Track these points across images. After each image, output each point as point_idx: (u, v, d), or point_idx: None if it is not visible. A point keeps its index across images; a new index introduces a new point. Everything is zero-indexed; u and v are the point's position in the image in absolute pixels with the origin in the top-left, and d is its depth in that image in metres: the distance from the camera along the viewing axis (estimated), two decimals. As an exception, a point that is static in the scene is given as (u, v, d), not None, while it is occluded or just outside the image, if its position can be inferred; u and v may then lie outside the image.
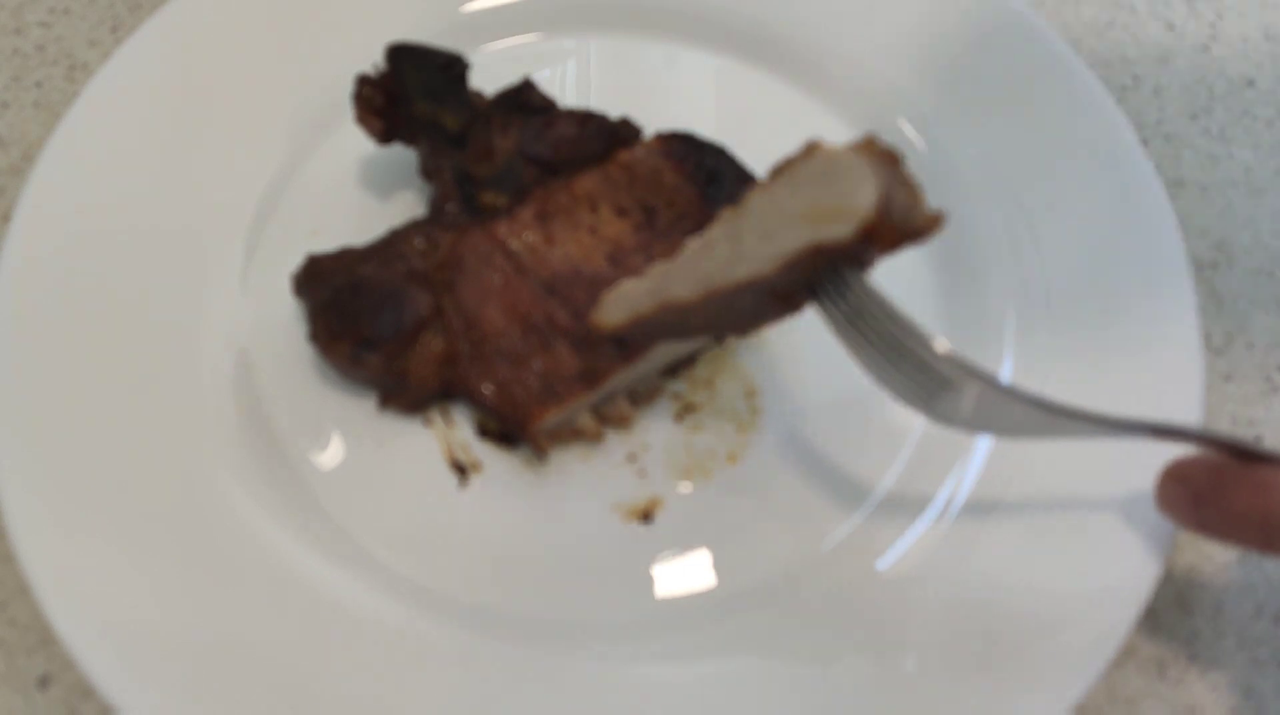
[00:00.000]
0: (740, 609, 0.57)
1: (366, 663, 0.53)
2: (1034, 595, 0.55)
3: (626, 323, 0.55)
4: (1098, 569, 0.55)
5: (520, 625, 0.56)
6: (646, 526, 0.60)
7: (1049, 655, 0.53)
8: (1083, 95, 0.70)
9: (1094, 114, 0.69)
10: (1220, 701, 0.59)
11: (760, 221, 0.49)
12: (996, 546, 0.57)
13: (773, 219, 0.48)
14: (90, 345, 0.60)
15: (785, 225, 0.48)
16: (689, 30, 0.77)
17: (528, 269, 0.62)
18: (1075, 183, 0.68)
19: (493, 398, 0.59)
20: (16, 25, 0.81)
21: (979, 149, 0.70)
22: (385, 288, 0.59)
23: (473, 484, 0.61)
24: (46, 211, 0.62)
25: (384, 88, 0.65)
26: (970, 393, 0.49)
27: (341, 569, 0.56)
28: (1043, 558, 0.56)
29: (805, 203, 0.47)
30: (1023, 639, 0.54)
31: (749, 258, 0.49)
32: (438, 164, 0.65)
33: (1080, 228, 0.66)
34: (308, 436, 0.61)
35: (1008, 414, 0.50)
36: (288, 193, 0.69)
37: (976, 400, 0.49)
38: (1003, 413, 0.50)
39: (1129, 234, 0.65)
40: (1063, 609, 0.54)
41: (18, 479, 0.54)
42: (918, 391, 0.49)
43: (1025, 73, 0.71)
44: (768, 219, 0.49)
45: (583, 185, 0.64)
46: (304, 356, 0.64)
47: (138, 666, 0.51)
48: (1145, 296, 0.63)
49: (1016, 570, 0.56)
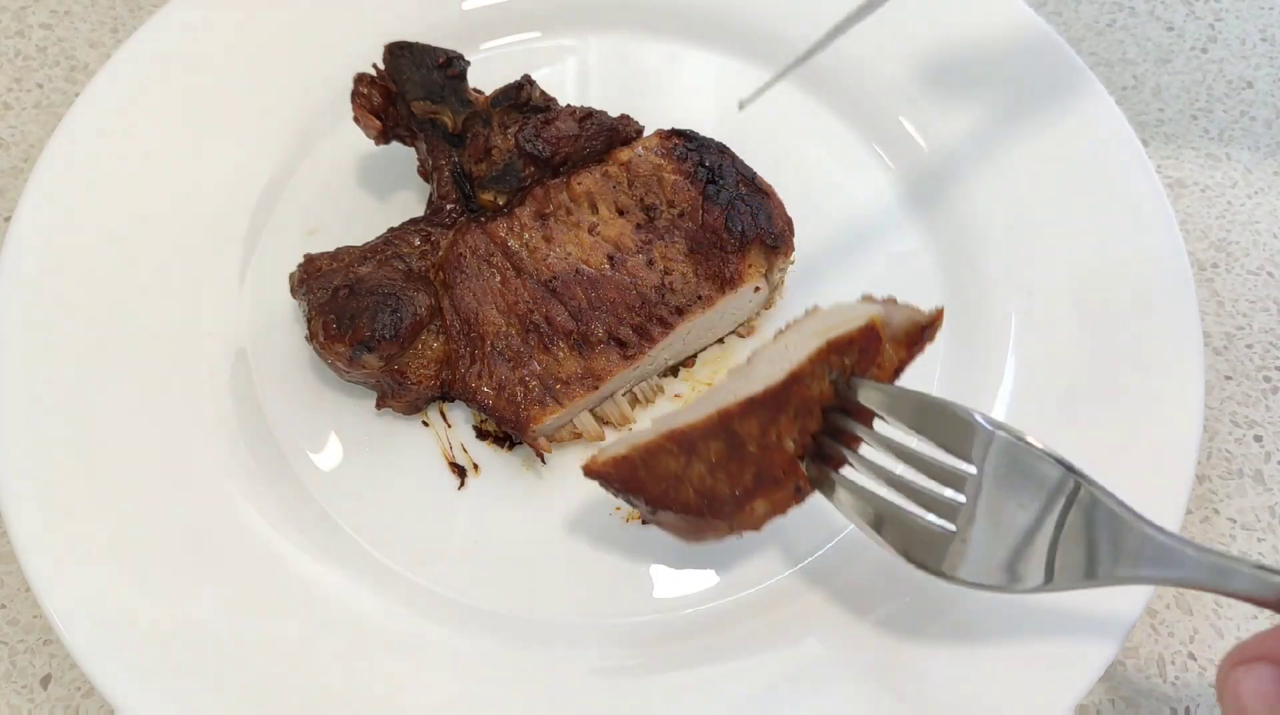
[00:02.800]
0: (738, 611, 0.57)
1: (365, 663, 0.53)
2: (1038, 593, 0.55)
3: (616, 460, 0.51)
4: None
5: (519, 626, 0.56)
6: (646, 528, 0.60)
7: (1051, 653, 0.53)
8: (1084, 95, 0.70)
9: (1095, 114, 0.69)
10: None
11: (770, 359, 0.51)
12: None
13: (782, 352, 0.51)
14: (89, 345, 0.60)
15: (796, 347, 0.51)
16: (689, 28, 0.77)
17: (527, 269, 0.62)
18: (1076, 182, 0.67)
19: (492, 399, 0.59)
20: (19, 27, 0.81)
21: (980, 147, 0.70)
22: (383, 288, 0.59)
23: (471, 485, 0.61)
24: (45, 212, 0.62)
25: (382, 87, 0.65)
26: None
27: (339, 570, 0.56)
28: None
29: (815, 329, 0.51)
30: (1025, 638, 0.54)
31: (760, 378, 0.51)
32: (436, 163, 0.65)
33: (1081, 227, 0.66)
34: (306, 437, 0.61)
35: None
36: (285, 192, 0.69)
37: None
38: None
39: (1130, 234, 0.65)
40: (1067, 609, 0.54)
41: (18, 480, 0.54)
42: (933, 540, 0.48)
43: (1026, 73, 0.71)
44: (777, 355, 0.51)
45: (582, 184, 0.64)
46: (302, 356, 0.64)
47: (137, 666, 0.51)
48: (1145, 296, 0.63)
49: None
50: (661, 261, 0.62)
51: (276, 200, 0.68)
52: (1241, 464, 0.66)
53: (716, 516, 0.51)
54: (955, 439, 0.48)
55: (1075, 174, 0.68)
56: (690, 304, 0.61)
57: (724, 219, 0.62)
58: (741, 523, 0.51)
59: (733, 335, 0.66)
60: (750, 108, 0.74)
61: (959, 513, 0.48)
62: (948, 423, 0.48)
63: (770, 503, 0.51)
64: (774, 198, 0.64)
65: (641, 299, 0.61)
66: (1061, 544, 0.47)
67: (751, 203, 0.62)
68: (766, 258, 0.62)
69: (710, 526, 0.52)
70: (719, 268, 0.61)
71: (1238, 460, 0.67)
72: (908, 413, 0.49)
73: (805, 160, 0.72)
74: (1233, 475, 0.66)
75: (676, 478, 0.51)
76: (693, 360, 0.66)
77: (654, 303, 0.61)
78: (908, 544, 0.49)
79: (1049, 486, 0.47)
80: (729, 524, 0.51)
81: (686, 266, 0.62)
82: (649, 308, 0.61)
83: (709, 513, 0.51)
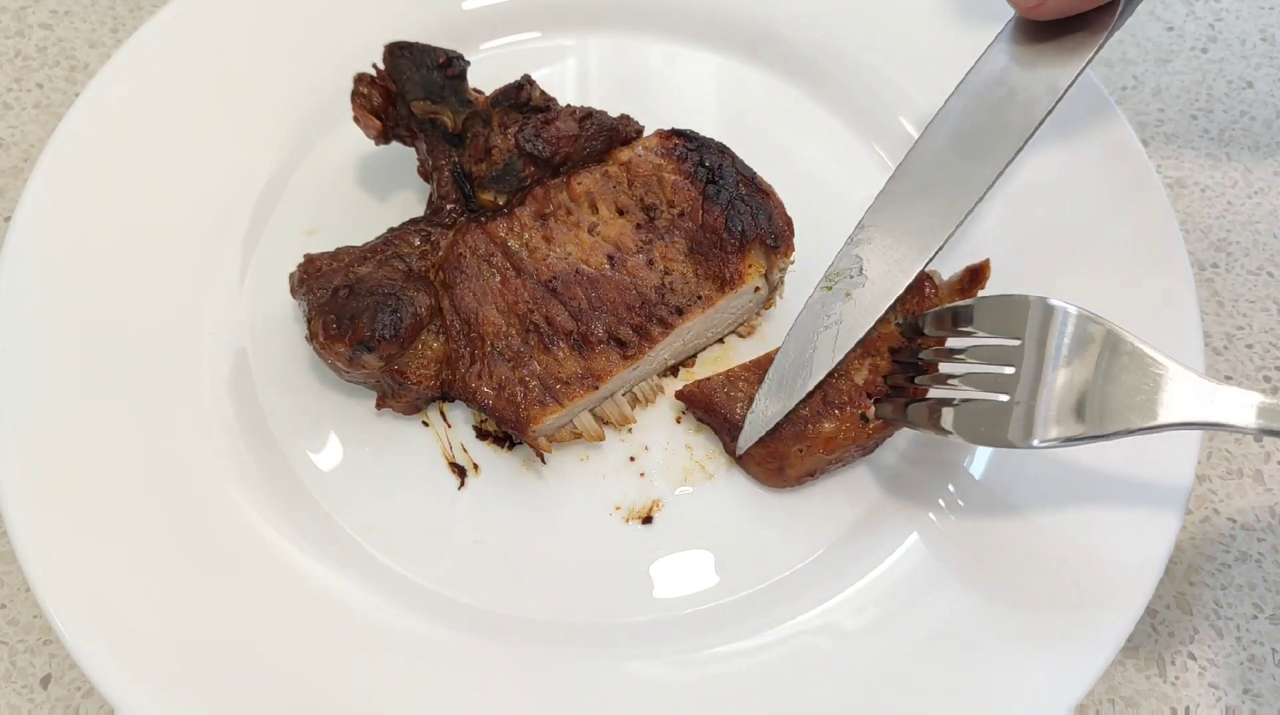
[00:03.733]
0: (737, 611, 0.57)
1: (366, 663, 0.53)
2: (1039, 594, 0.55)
3: (701, 383, 0.61)
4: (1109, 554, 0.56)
5: (520, 627, 0.56)
6: (646, 528, 0.60)
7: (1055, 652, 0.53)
8: (1084, 95, 0.69)
9: (1095, 114, 0.69)
10: (1220, 701, 0.59)
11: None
12: (1001, 542, 0.57)
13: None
14: (88, 345, 0.59)
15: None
16: (689, 28, 0.77)
17: (527, 269, 0.62)
18: (1076, 181, 0.67)
19: (492, 399, 0.59)
20: (19, 27, 0.81)
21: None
22: (384, 288, 0.59)
23: (471, 485, 0.61)
24: (46, 212, 0.62)
25: (382, 87, 0.65)
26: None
27: (339, 570, 0.56)
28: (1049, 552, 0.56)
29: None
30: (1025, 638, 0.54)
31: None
32: (436, 163, 0.65)
33: (1081, 226, 0.66)
34: (306, 437, 0.61)
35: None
36: (285, 192, 0.69)
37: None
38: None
39: (1130, 232, 0.65)
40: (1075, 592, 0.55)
41: (18, 480, 0.54)
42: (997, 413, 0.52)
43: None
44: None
45: (582, 184, 0.64)
46: (301, 357, 0.63)
47: (136, 666, 0.51)
48: (1146, 295, 0.63)
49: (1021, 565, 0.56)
50: (661, 261, 0.62)
51: (276, 200, 0.68)
52: (1241, 464, 0.66)
53: (787, 435, 0.58)
54: (1007, 322, 0.54)
55: (1075, 174, 0.68)
56: (690, 304, 0.61)
57: (724, 219, 0.62)
58: (809, 442, 0.58)
59: (733, 335, 0.66)
60: (751, 107, 0.74)
61: (1013, 383, 0.52)
62: (1000, 309, 0.54)
63: (836, 425, 0.58)
64: (774, 197, 0.64)
65: (641, 299, 0.61)
66: (1110, 393, 0.51)
67: (752, 202, 0.62)
68: (767, 257, 0.62)
69: (783, 450, 0.58)
70: (719, 268, 0.61)
71: (1238, 460, 0.67)
72: (964, 319, 0.55)
73: (805, 160, 0.72)
74: (1233, 475, 0.66)
75: (751, 399, 0.59)
76: (693, 360, 0.66)
77: (654, 303, 0.61)
78: (975, 430, 0.53)
79: (1093, 341, 0.52)
80: (799, 446, 0.58)
81: (686, 266, 0.62)
82: (649, 308, 0.61)
83: (779, 430, 0.59)
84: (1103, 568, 0.55)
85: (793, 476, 0.59)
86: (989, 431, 0.53)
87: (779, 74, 0.76)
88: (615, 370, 0.60)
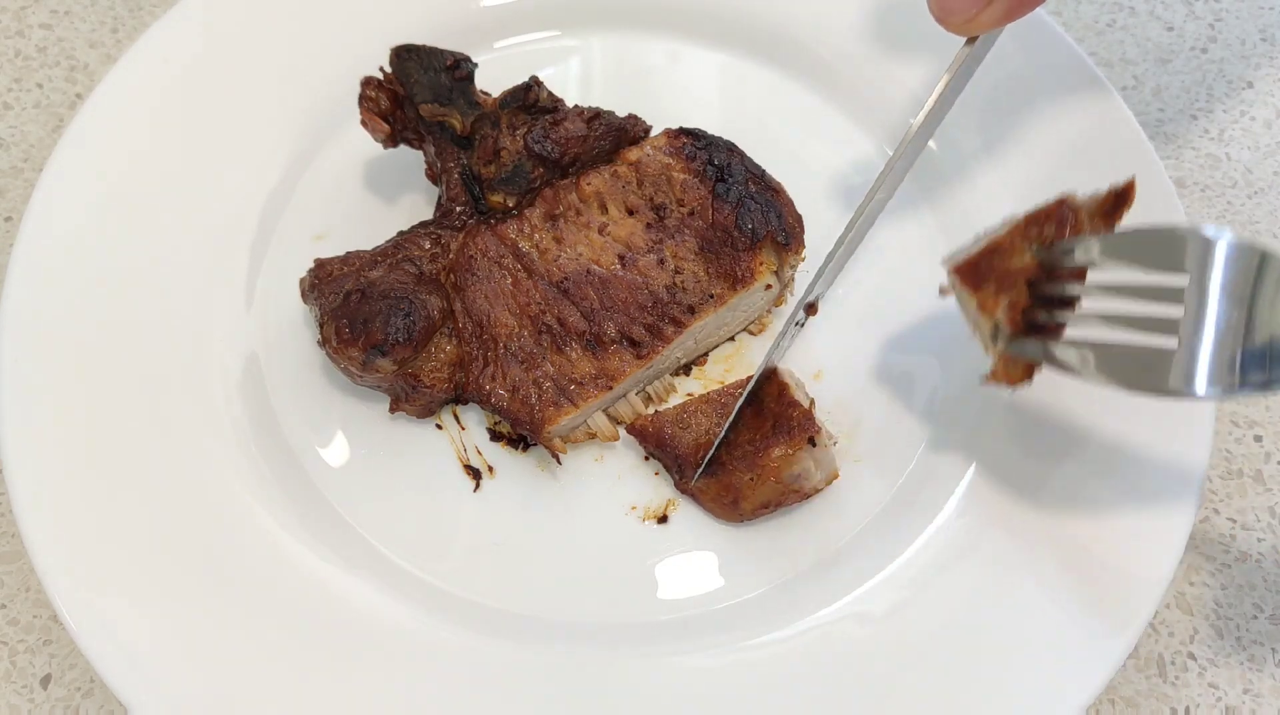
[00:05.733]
0: (755, 610, 0.57)
1: (379, 664, 0.53)
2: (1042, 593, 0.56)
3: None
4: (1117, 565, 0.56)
5: (540, 628, 0.56)
6: (662, 527, 0.60)
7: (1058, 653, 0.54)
8: (1090, 93, 0.70)
9: (1102, 112, 0.69)
10: (1220, 701, 0.60)
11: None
12: (1009, 542, 0.57)
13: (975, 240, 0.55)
14: (100, 351, 0.59)
15: (990, 232, 0.54)
16: (695, 27, 0.77)
17: (538, 270, 0.62)
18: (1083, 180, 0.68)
19: (506, 401, 0.59)
20: (19, 27, 0.80)
21: (988, 146, 0.70)
22: (396, 292, 0.59)
23: (486, 487, 0.61)
24: (54, 217, 0.62)
25: (389, 90, 0.65)
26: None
27: (354, 573, 0.56)
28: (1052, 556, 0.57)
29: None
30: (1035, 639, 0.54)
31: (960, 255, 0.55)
32: (445, 165, 0.65)
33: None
34: (319, 442, 0.61)
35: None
36: (293, 197, 0.68)
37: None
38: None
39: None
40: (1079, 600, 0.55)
41: (31, 484, 0.54)
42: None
43: (1033, 72, 0.71)
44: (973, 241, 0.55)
45: (591, 184, 0.64)
46: (313, 361, 0.63)
47: (147, 664, 0.51)
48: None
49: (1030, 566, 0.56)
50: (673, 260, 0.62)
51: (285, 205, 0.68)
52: (1241, 464, 0.67)
53: (737, 466, 0.57)
54: (1163, 255, 0.48)
55: (1083, 172, 0.68)
56: (702, 302, 0.61)
57: (735, 217, 0.62)
58: (759, 470, 0.56)
59: (744, 333, 0.67)
60: (756, 106, 0.74)
61: (1179, 326, 0.47)
62: (1158, 242, 0.48)
63: (785, 450, 0.56)
64: (784, 195, 0.64)
65: (653, 298, 0.61)
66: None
67: (762, 200, 0.63)
68: (778, 255, 0.63)
69: (734, 481, 0.57)
70: (730, 266, 0.62)
71: (1238, 460, 0.67)
72: (1116, 251, 0.49)
73: (811, 157, 0.72)
74: (1233, 475, 0.67)
75: (706, 432, 0.59)
76: (705, 358, 0.66)
77: (666, 302, 0.61)
78: (1132, 375, 0.48)
79: (1266, 276, 0.46)
80: (750, 475, 0.57)
81: (698, 265, 0.62)
82: (661, 307, 0.61)
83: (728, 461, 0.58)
84: (1117, 569, 0.55)
85: (748, 509, 0.58)
86: (1148, 378, 0.48)
87: (784, 71, 0.76)
88: (629, 370, 0.60)
